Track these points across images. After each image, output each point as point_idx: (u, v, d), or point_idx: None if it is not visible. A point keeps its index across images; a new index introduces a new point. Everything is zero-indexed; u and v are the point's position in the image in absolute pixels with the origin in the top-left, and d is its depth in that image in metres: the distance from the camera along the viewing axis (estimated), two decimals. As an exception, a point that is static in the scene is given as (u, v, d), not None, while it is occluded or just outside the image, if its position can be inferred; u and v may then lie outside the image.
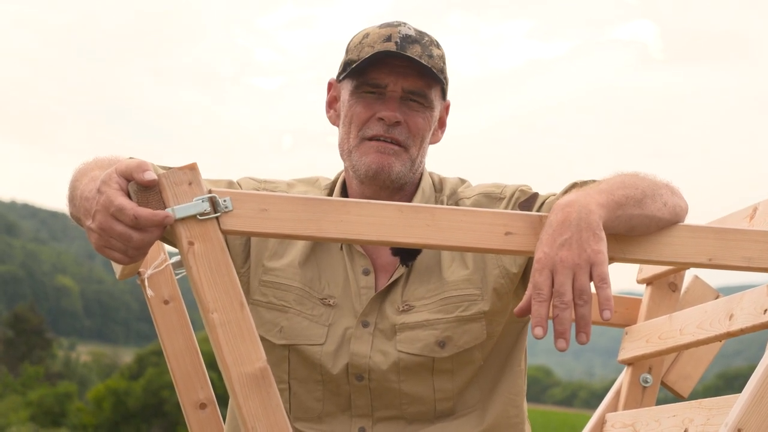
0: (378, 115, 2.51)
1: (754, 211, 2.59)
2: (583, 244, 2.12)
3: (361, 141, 2.52)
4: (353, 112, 2.53)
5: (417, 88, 2.51)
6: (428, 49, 2.52)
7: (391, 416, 2.53)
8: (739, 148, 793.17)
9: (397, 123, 2.50)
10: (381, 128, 2.51)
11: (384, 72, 2.50)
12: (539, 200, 2.54)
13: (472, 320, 2.51)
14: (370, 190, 2.55)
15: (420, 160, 2.56)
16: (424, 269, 2.54)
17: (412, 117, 2.52)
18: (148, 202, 2.08)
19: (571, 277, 2.11)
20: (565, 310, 2.10)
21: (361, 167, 2.51)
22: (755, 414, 2.19)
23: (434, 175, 2.67)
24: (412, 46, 2.50)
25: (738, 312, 2.46)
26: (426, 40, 2.53)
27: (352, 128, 2.53)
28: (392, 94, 2.51)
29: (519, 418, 2.59)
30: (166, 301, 2.81)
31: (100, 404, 46.72)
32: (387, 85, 2.51)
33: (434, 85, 2.53)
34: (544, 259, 2.12)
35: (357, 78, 2.53)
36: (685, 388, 3.07)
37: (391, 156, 2.51)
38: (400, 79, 2.50)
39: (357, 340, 2.51)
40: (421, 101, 2.53)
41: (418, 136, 2.53)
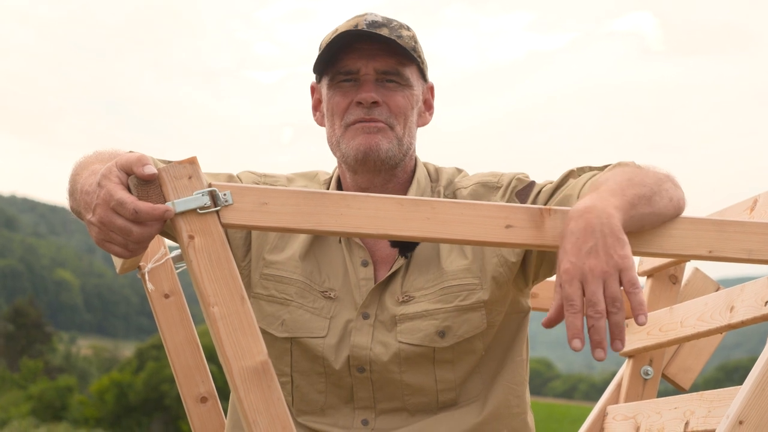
0: (356, 100, 2.52)
1: (755, 203, 2.59)
2: (610, 251, 2.11)
3: (345, 129, 2.54)
4: (333, 104, 2.55)
5: (389, 67, 2.53)
6: (396, 31, 2.53)
7: (394, 408, 2.53)
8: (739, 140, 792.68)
9: (375, 104, 2.51)
10: (361, 111, 2.52)
11: (354, 57, 2.52)
12: (536, 188, 2.53)
13: (472, 309, 2.51)
14: (363, 179, 2.55)
15: (408, 140, 2.56)
16: (423, 260, 2.54)
17: (391, 96, 2.53)
18: (148, 196, 2.08)
19: (601, 285, 2.09)
20: (600, 320, 2.09)
21: (350, 152, 2.52)
22: (756, 406, 2.19)
23: (429, 164, 2.67)
24: (378, 29, 2.52)
25: (739, 304, 2.46)
26: (394, 24, 2.55)
27: (335, 119, 2.55)
28: (366, 77, 2.53)
29: (520, 408, 2.59)
30: (167, 295, 2.81)
31: (103, 397, 46.77)
32: (359, 70, 2.52)
33: (408, 63, 2.54)
34: (572, 270, 2.10)
35: (330, 71, 2.55)
36: (686, 381, 3.07)
37: (377, 134, 2.51)
38: (371, 61, 2.52)
39: (357, 332, 2.52)
40: (396, 80, 2.54)
41: (400, 114, 2.54)
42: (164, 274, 2.82)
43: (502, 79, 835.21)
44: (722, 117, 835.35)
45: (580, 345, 2.09)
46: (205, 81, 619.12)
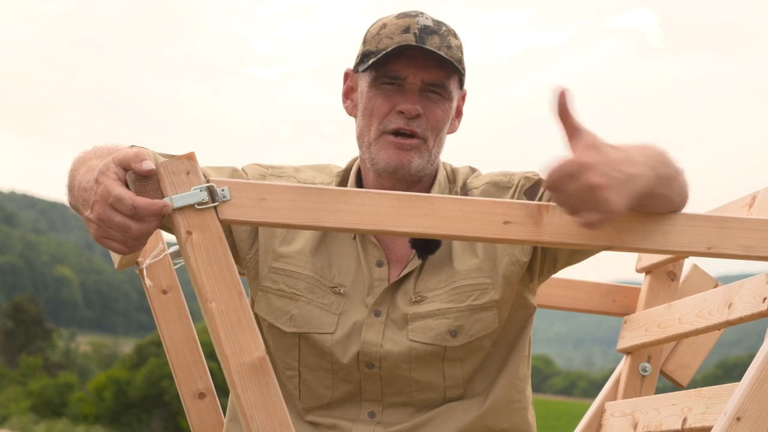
0: (398, 108, 2.49)
1: (753, 200, 2.58)
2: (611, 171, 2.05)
3: (381, 134, 2.51)
4: (373, 105, 2.52)
5: (436, 79, 2.50)
6: (446, 40, 2.51)
7: (401, 402, 2.54)
8: (738, 136, 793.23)
9: (417, 116, 2.50)
10: (401, 121, 2.49)
11: (404, 64, 2.49)
12: (543, 186, 2.53)
13: (484, 309, 2.51)
14: (388, 183, 2.54)
15: (436, 151, 2.55)
16: (437, 260, 2.53)
17: (432, 109, 2.51)
18: (146, 191, 2.08)
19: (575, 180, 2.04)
20: None
21: (380, 162, 2.51)
22: (754, 402, 2.19)
23: (447, 165, 2.66)
24: (430, 38, 2.49)
25: (737, 301, 2.46)
26: (444, 30, 2.52)
27: (373, 121, 2.52)
28: (412, 86, 2.50)
29: (522, 403, 2.59)
30: (165, 291, 2.81)
31: (101, 394, 46.78)
32: (407, 78, 2.49)
33: (453, 75, 2.52)
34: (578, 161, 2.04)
35: (376, 70, 2.51)
36: (684, 377, 3.07)
37: (410, 151, 2.50)
38: (420, 71, 2.49)
39: (369, 328, 2.51)
40: (440, 92, 2.51)
41: (436, 128, 2.52)
42: (162, 270, 2.82)
43: (501, 75, 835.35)
44: (722, 114, 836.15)
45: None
46: (205, 77, 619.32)
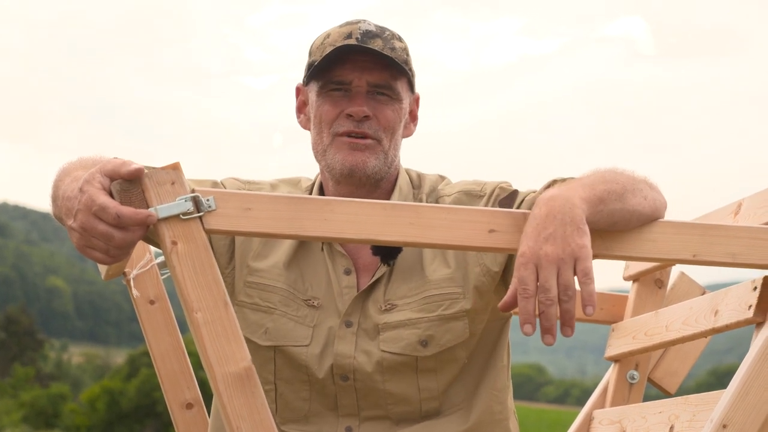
0: (346, 112, 2.51)
1: (739, 207, 2.59)
2: (568, 239, 2.12)
3: (333, 138, 2.52)
4: (322, 112, 2.53)
5: (382, 80, 2.52)
6: (390, 42, 2.52)
7: (378, 416, 2.53)
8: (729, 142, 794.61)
9: (365, 117, 2.50)
10: (351, 124, 2.51)
11: (347, 68, 2.51)
12: (519, 197, 2.54)
13: (455, 318, 2.51)
14: (346, 190, 2.55)
15: (393, 153, 2.56)
16: (406, 268, 2.54)
17: (381, 110, 2.52)
18: (131, 201, 2.08)
19: (555, 272, 2.11)
20: (551, 306, 2.10)
21: (336, 165, 2.52)
22: (740, 409, 2.19)
23: (411, 171, 2.66)
24: (373, 41, 2.51)
25: (723, 308, 2.46)
26: (387, 34, 2.54)
27: (323, 127, 2.54)
28: (358, 89, 2.51)
29: (503, 414, 2.59)
30: (152, 302, 2.81)
31: (94, 405, 46.69)
32: (351, 81, 2.51)
33: (399, 77, 2.54)
34: (528, 254, 2.12)
35: (321, 78, 2.53)
36: (671, 385, 3.07)
37: (365, 151, 2.51)
38: (365, 73, 2.51)
39: (341, 340, 2.51)
40: (388, 93, 2.53)
41: (388, 128, 2.53)
42: (149, 281, 2.82)
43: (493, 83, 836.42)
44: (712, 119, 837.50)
45: (531, 330, 2.11)
46: (197, 85, 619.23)
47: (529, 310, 2.10)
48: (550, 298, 2.10)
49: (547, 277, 2.10)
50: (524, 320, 2.10)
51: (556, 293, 2.10)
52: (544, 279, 2.10)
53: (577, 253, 2.12)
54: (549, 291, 2.10)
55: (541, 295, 2.11)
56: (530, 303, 2.10)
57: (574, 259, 2.11)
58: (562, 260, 2.11)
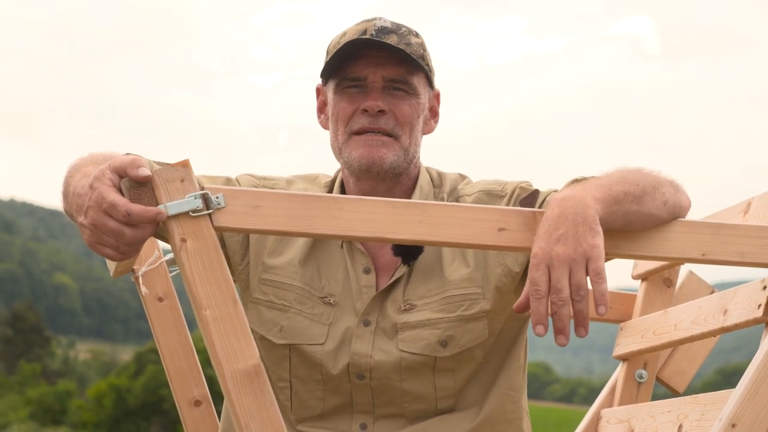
0: (361, 107, 2.50)
1: (748, 206, 2.59)
2: (579, 239, 2.11)
3: (349, 136, 2.52)
4: (338, 109, 2.53)
5: (397, 75, 2.51)
6: (405, 38, 2.51)
7: (393, 413, 2.53)
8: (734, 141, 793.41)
9: (381, 112, 2.49)
10: (366, 120, 2.50)
11: (362, 64, 2.50)
12: (541, 197, 2.52)
13: (474, 319, 2.50)
14: (367, 185, 2.54)
15: (413, 149, 2.55)
16: (426, 268, 2.53)
17: (397, 105, 2.51)
18: (141, 198, 2.08)
19: (567, 272, 2.10)
20: (563, 307, 2.10)
21: (354, 162, 2.50)
22: (749, 409, 2.19)
23: (432, 170, 2.65)
24: (388, 36, 2.50)
25: (732, 307, 2.46)
26: (403, 30, 2.53)
27: (339, 125, 2.53)
28: (373, 84, 2.50)
29: (516, 414, 2.58)
30: (161, 299, 2.81)
31: (101, 401, 46.75)
32: (367, 77, 2.50)
33: (416, 72, 2.52)
34: (540, 255, 2.11)
35: (337, 76, 2.53)
36: (680, 384, 3.07)
37: (381, 147, 2.50)
38: (379, 68, 2.50)
39: (358, 338, 2.50)
40: (404, 88, 2.52)
41: (406, 124, 2.52)
42: (158, 278, 2.82)
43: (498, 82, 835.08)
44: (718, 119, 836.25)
45: (543, 331, 2.10)
46: (201, 84, 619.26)
47: (541, 311, 2.10)
48: (562, 298, 2.10)
49: (558, 277, 2.10)
50: (536, 321, 2.10)
51: (568, 293, 2.10)
52: (555, 279, 2.10)
53: (588, 252, 2.11)
54: (561, 291, 2.10)
55: (554, 296, 2.10)
56: (542, 304, 2.10)
57: (586, 259, 2.11)
58: (573, 260, 2.10)
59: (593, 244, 2.12)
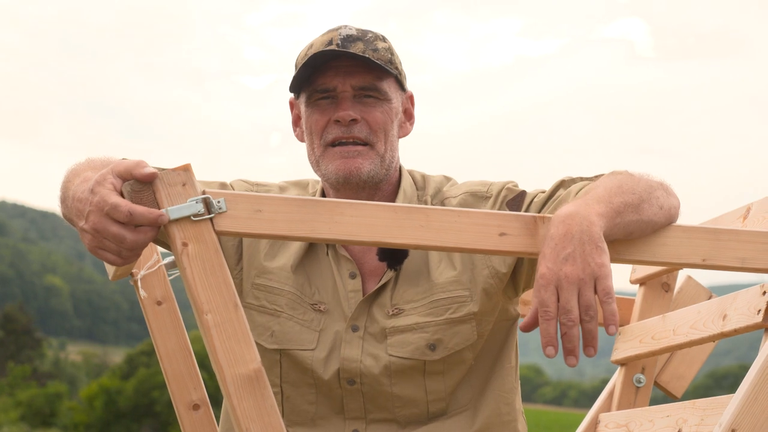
0: (334, 118, 2.51)
1: (747, 211, 2.59)
2: (587, 258, 2.10)
3: (325, 149, 2.52)
4: (311, 122, 2.53)
5: (366, 83, 2.51)
6: (372, 44, 2.52)
7: (385, 418, 2.53)
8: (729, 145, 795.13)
9: (353, 121, 2.50)
10: (340, 130, 2.51)
11: (330, 75, 2.51)
12: (528, 198, 2.53)
13: (462, 322, 2.51)
14: (346, 196, 2.55)
15: (390, 154, 2.55)
16: (413, 272, 2.53)
17: (369, 112, 2.52)
18: (142, 202, 2.08)
19: (576, 293, 2.09)
20: (573, 328, 2.09)
21: (331, 174, 2.52)
22: (749, 414, 2.19)
23: (416, 173, 2.66)
24: (353, 44, 2.51)
25: (731, 312, 2.46)
26: (369, 36, 2.53)
27: (314, 137, 2.54)
28: (343, 94, 2.51)
29: (511, 415, 2.59)
30: (159, 302, 2.80)
31: (92, 403, 46.68)
32: (336, 87, 2.51)
33: (385, 77, 2.53)
34: (548, 275, 2.10)
35: (307, 88, 2.54)
36: (678, 388, 3.07)
37: (357, 158, 2.50)
38: (348, 78, 2.51)
39: (347, 344, 2.51)
40: (374, 95, 2.52)
41: (380, 130, 2.52)
42: (157, 281, 2.81)
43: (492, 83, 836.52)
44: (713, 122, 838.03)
45: (554, 352, 2.10)
46: (195, 85, 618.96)
47: (550, 332, 2.09)
48: (572, 319, 2.09)
49: (568, 298, 2.09)
50: (546, 342, 2.09)
51: (577, 314, 2.09)
52: (565, 300, 2.09)
53: (597, 272, 2.10)
54: (570, 312, 2.09)
55: (563, 317, 2.09)
56: (552, 325, 2.09)
57: (595, 279, 2.10)
58: (582, 280, 2.10)
59: (601, 263, 2.11)
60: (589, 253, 2.11)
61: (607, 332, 2.13)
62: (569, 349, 2.10)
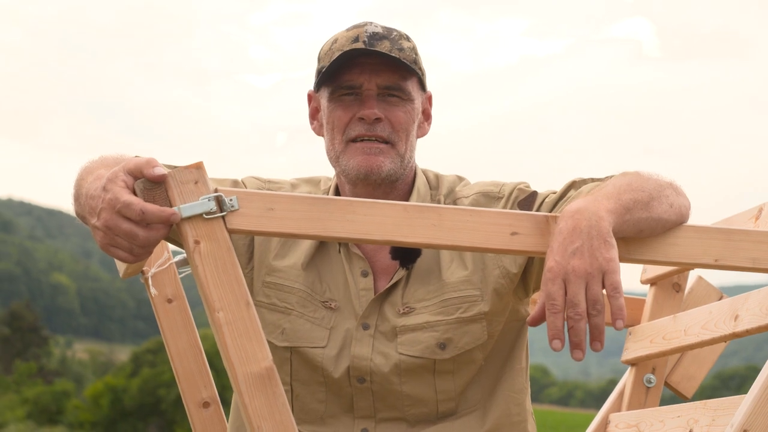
0: (358, 115, 2.51)
1: (760, 212, 2.59)
2: (595, 253, 2.11)
3: (346, 144, 2.53)
4: (334, 117, 2.53)
5: (392, 82, 2.52)
6: (397, 43, 2.52)
7: (394, 417, 2.53)
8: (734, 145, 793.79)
9: (377, 120, 2.50)
10: (363, 128, 2.51)
11: (356, 72, 2.51)
12: (539, 199, 2.53)
13: (473, 321, 2.50)
14: (363, 192, 2.55)
15: (409, 154, 2.55)
16: (424, 271, 2.53)
17: (393, 112, 2.52)
18: (155, 200, 2.08)
19: (583, 286, 2.09)
20: (580, 321, 2.09)
21: (351, 170, 2.52)
22: (761, 415, 2.18)
23: (429, 172, 2.66)
24: (380, 43, 2.51)
25: (743, 313, 2.46)
26: (395, 35, 2.54)
27: (336, 133, 2.54)
28: (368, 92, 2.52)
29: (521, 416, 2.59)
30: (170, 300, 2.81)
31: (98, 401, 46.73)
32: (362, 85, 2.51)
33: (409, 77, 2.54)
34: (556, 269, 2.11)
35: (332, 83, 2.54)
36: (688, 389, 3.07)
37: (379, 155, 2.51)
38: (374, 76, 2.51)
39: (358, 342, 2.51)
40: (398, 95, 2.53)
41: (402, 130, 2.53)
42: (167, 279, 2.82)
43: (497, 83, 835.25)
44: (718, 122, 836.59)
45: (560, 346, 2.10)
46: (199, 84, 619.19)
47: (557, 325, 2.09)
48: (578, 312, 2.09)
49: (575, 291, 2.09)
50: (553, 335, 2.09)
51: (584, 308, 2.09)
52: (572, 294, 2.09)
53: (605, 266, 2.11)
54: (578, 306, 2.09)
55: (570, 310, 2.09)
56: (559, 318, 2.09)
57: (602, 273, 2.10)
58: (590, 274, 2.10)
59: (609, 257, 2.11)
60: (597, 248, 2.11)
61: (615, 327, 2.12)
62: (576, 343, 2.10)
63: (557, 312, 2.09)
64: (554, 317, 2.09)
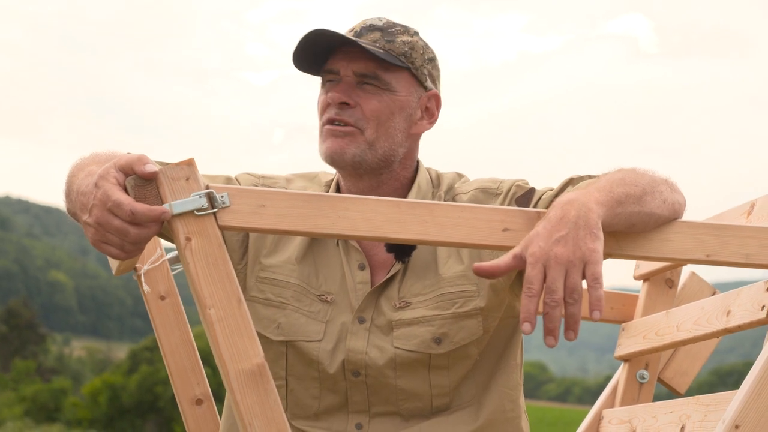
0: (326, 99, 2.54)
1: (752, 207, 2.59)
2: (579, 242, 2.11)
3: (321, 128, 2.56)
4: (318, 102, 2.58)
5: (368, 70, 2.52)
6: (391, 36, 2.53)
7: (388, 412, 2.53)
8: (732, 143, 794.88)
9: (345, 105, 2.51)
10: (333, 111, 2.53)
11: (338, 58, 2.54)
12: (536, 195, 2.53)
13: (469, 316, 2.51)
14: (348, 182, 2.56)
15: (385, 145, 2.53)
16: (421, 265, 2.54)
17: (366, 99, 2.52)
18: (146, 197, 2.08)
19: (563, 274, 2.10)
20: (556, 308, 2.09)
21: (322, 153, 2.54)
22: (753, 410, 2.19)
23: (432, 170, 2.66)
24: (371, 33, 2.53)
25: (735, 308, 2.46)
26: (395, 29, 2.55)
27: (318, 117, 2.58)
28: (346, 78, 2.53)
29: (515, 412, 2.59)
30: (163, 297, 2.81)
31: (96, 399, 46.75)
32: (339, 71, 2.54)
33: (394, 69, 2.53)
34: (538, 253, 2.11)
35: (321, 70, 2.57)
36: (681, 385, 3.07)
37: (344, 138, 2.51)
38: (351, 63, 2.52)
39: (353, 335, 2.51)
40: (375, 83, 2.52)
41: (372, 118, 2.52)
42: (160, 276, 2.82)
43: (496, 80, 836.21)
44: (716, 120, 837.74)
45: (530, 329, 2.09)
46: (197, 81, 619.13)
47: (530, 309, 2.09)
48: (555, 299, 2.09)
49: (554, 278, 2.09)
50: (524, 318, 2.09)
51: (562, 295, 2.09)
52: (551, 280, 2.09)
53: (587, 256, 2.11)
54: (555, 292, 2.09)
55: (547, 296, 2.10)
56: (533, 302, 2.09)
57: (584, 263, 2.10)
58: (571, 263, 2.10)
59: (593, 248, 2.12)
60: (582, 238, 2.11)
61: (591, 317, 2.13)
62: (549, 329, 2.10)
63: (533, 296, 2.09)
64: (528, 300, 2.09)
